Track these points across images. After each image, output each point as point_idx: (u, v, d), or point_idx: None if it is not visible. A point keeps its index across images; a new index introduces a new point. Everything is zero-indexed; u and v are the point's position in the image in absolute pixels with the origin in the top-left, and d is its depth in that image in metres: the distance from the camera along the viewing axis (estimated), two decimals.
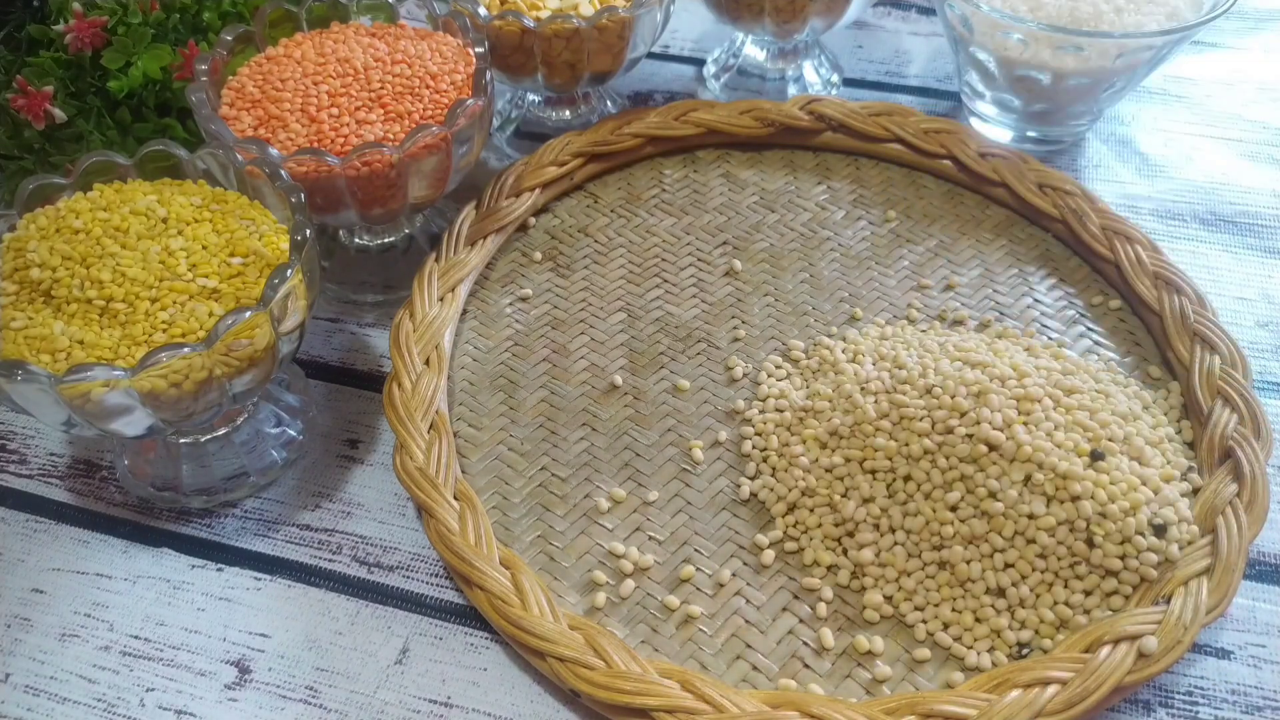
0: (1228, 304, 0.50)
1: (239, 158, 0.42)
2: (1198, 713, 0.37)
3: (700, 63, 0.67)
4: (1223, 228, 0.54)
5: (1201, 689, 0.38)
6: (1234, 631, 0.39)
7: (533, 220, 0.54)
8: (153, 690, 0.38)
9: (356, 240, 0.54)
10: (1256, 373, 0.47)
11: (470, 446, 0.45)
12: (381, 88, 0.46)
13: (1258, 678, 0.38)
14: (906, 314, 0.49)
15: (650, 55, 0.65)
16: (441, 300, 0.48)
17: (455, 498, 0.41)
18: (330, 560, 0.42)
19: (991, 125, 0.59)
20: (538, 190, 0.54)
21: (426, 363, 0.45)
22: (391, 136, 0.45)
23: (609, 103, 0.63)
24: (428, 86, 0.47)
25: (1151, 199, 0.56)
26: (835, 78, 0.64)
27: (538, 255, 0.52)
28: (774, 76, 0.63)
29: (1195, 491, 0.41)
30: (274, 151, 0.43)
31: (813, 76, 0.64)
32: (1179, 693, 0.38)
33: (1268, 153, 0.59)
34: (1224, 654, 0.39)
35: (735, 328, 0.49)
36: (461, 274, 0.49)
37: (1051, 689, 0.35)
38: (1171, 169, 0.58)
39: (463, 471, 0.43)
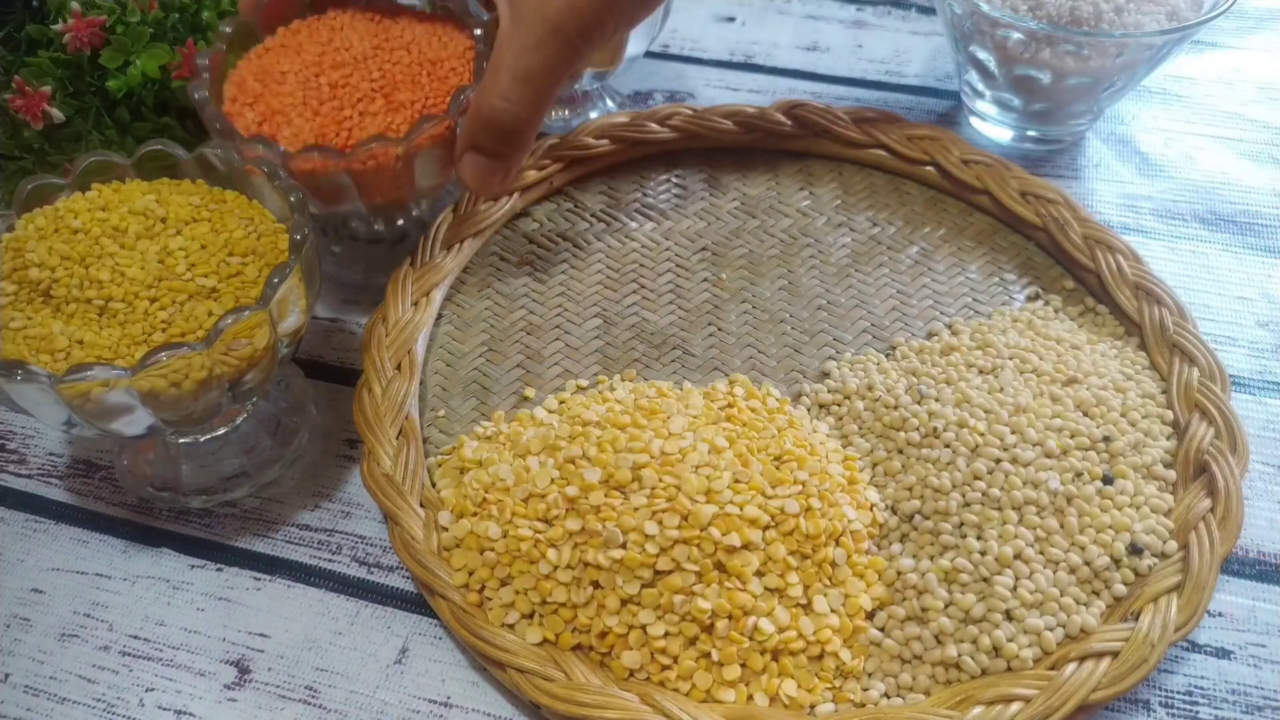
0: (1228, 304, 0.50)
1: (242, 156, 0.42)
2: (1198, 713, 0.37)
3: (701, 62, 0.67)
4: (1223, 227, 0.54)
5: (1201, 689, 0.38)
6: (1234, 631, 0.39)
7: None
8: (152, 690, 0.38)
9: (362, 228, 0.53)
10: (1256, 372, 0.48)
11: (441, 453, 0.44)
12: (382, 76, 0.46)
13: (1258, 678, 0.38)
14: (888, 331, 0.48)
15: (650, 54, 0.65)
16: (415, 305, 0.48)
17: (421, 505, 0.41)
18: (330, 560, 0.42)
19: (991, 125, 0.59)
20: (516, 194, 0.53)
21: (398, 368, 0.45)
22: (394, 127, 0.45)
23: (609, 101, 0.63)
24: (428, 74, 0.47)
25: (1152, 199, 0.56)
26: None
27: (514, 260, 0.52)
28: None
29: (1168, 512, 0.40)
30: (280, 148, 0.43)
31: None
32: (1179, 693, 0.38)
33: (1268, 152, 0.59)
34: (1224, 654, 0.39)
35: (710, 334, 0.49)
36: (436, 279, 0.49)
37: (1015, 706, 0.35)
38: (1171, 169, 0.58)
39: (431, 478, 0.43)
